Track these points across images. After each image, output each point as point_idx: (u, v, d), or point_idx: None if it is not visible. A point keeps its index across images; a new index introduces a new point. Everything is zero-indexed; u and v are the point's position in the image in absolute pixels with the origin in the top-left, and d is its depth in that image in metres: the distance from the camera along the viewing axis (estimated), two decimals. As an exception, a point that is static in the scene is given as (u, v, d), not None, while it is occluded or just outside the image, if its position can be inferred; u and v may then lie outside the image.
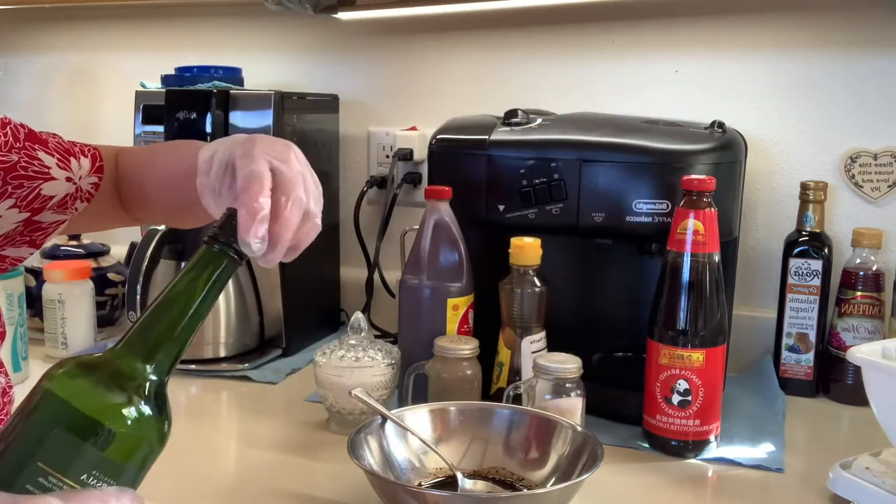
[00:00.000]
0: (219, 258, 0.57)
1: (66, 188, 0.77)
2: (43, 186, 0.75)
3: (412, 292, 1.05)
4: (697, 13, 1.26)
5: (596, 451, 0.79)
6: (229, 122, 1.23)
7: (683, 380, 0.92)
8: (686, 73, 1.27)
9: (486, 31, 1.38)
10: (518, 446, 0.86)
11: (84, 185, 0.78)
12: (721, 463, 0.93)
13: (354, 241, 1.42)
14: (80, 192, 0.78)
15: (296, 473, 0.90)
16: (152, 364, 0.54)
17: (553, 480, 0.81)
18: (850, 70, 1.19)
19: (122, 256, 1.43)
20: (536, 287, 1.00)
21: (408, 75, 1.43)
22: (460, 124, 1.14)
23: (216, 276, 0.57)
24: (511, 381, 0.99)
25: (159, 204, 0.80)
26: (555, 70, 1.34)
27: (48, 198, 0.75)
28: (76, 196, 0.77)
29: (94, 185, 0.79)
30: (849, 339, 1.12)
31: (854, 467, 0.82)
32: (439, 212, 1.04)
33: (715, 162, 1.00)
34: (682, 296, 0.92)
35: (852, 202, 1.21)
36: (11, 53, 1.72)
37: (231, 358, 1.24)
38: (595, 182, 1.01)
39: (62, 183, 0.76)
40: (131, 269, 1.16)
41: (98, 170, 0.79)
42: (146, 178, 0.79)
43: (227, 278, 0.58)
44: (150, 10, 1.59)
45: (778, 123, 1.24)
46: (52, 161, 0.76)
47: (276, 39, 1.50)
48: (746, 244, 1.25)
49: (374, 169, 1.46)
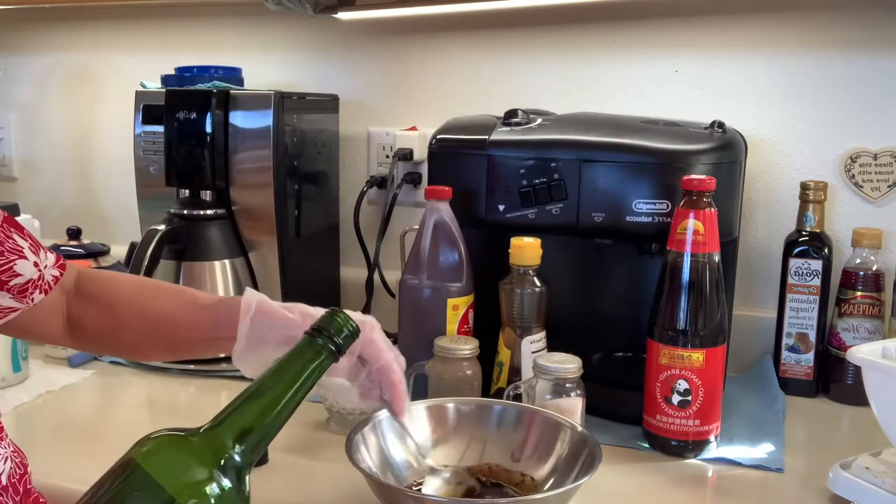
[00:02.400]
0: (319, 352, 0.62)
1: (32, 272, 0.77)
2: (17, 262, 0.75)
3: (412, 292, 1.05)
4: (697, 13, 1.26)
5: (594, 451, 0.78)
6: (229, 122, 1.23)
7: (683, 380, 0.92)
8: (686, 73, 1.27)
9: (486, 31, 1.38)
10: (517, 444, 0.86)
11: (47, 275, 0.78)
12: (721, 463, 0.93)
13: (354, 241, 1.42)
14: (42, 280, 0.78)
15: (295, 473, 0.90)
16: (241, 446, 0.55)
17: (552, 481, 0.81)
18: (850, 70, 1.20)
19: (122, 256, 1.42)
20: (536, 287, 1.00)
21: (408, 75, 1.43)
22: (460, 124, 1.14)
23: (314, 368, 0.61)
24: (511, 381, 0.99)
25: (127, 336, 0.81)
26: (555, 70, 1.34)
27: (16, 275, 0.75)
28: (37, 285, 0.77)
29: (55, 278, 0.79)
30: (849, 339, 1.12)
31: (854, 467, 0.82)
32: (439, 212, 1.04)
33: (715, 162, 1.00)
34: (682, 296, 0.92)
35: (852, 202, 1.21)
36: (11, 53, 1.72)
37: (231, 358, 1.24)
38: (595, 182, 1.01)
39: (31, 266, 0.76)
40: (131, 269, 1.15)
41: (61, 266, 0.80)
42: (129, 312, 0.81)
43: (323, 372, 0.62)
44: (150, 10, 1.59)
45: (778, 123, 1.24)
46: (26, 244, 0.77)
47: (276, 39, 1.50)
48: (746, 244, 1.26)
49: (374, 169, 1.46)
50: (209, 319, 0.78)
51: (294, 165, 1.29)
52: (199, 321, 0.78)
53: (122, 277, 0.88)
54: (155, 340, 0.81)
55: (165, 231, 1.18)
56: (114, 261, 1.42)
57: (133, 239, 1.33)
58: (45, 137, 1.73)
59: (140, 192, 1.35)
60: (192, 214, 1.24)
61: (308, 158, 1.34)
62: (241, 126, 1.23)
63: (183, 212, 1.23)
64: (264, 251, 1.26)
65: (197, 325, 0.78)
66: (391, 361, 0.76)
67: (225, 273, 1.25)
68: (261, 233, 1.26)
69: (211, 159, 1.23)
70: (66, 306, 0.82)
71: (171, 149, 1.25)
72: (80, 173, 1.71)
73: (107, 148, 1.67)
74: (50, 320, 0.81)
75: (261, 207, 1.25)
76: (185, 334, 0.79)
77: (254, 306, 0.74)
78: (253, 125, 1.23)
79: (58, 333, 0.82)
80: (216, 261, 1.24)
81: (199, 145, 1.23)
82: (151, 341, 0.81)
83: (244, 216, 1.26)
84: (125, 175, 1.44)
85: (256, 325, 0.74)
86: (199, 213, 1.24)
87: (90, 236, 1.49)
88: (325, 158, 1.40)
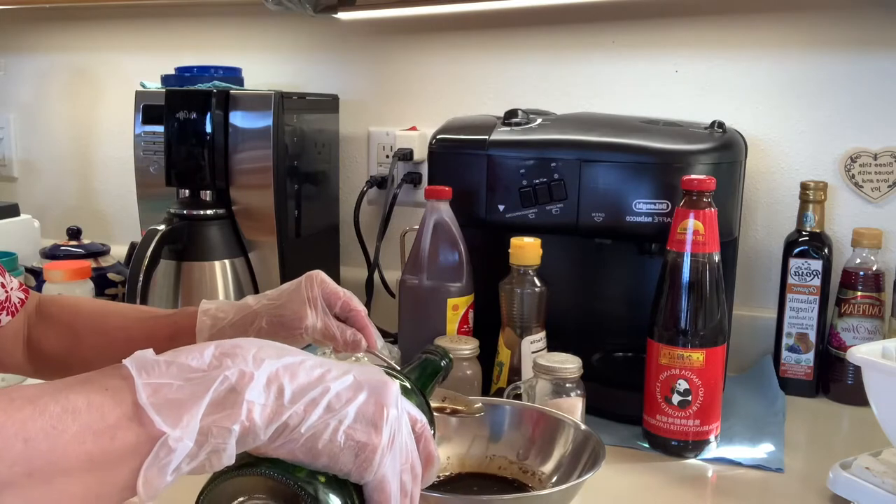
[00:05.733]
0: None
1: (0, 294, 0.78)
2: None
3: (412, 292, 1.05)
4: (697, 13, 1.26)
5: (598, 450, 0.79)
6: (229, 122, 1.23)
7: (683, 380, 0.92)
8: (686, 73, 1.27)
9: (486, 31, 1.38)
10: (522, 443, 0.86)
11: (13, 297, 0.79)
12: (721, 463, 0.93)
13: (354, 241, 1.42)
14: (9, 302, 0.79)
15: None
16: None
17: (555, 479, 0.81)
18: (850, 70, 1.20)
19: (122, 256, 1.42)
20: (536, 287, 1.00)
21: (408, 75, 1.43)
22: (460, 124, 1.14)
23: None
24: (511, 381, 0.99)
25: (84, 353, 0.81)
26: (555, 70, 1.34)
27: None
28: (4, 306, 0.78)
29: (21, 300, 0.80)
30: (849, 339, 1.12)
31: (854, 467, 0.82)
32: (439, 212, 1.04)
33: (715, 162, 1.00)
34: (682, 296, 0.92)
35: (852, 202, 1.21)
36: (11, 53, 1.72)
37: (231, 358, 1.24)
38: (595, 182, 1.01)
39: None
40: (131, 269, 1.15)
41: (24, 290, 0.81)
42: (87, 327, 0.81)
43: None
44: (150, 10, 1.59)
45: (778, 123, 1.24)
46: None
47: (276, 39, 1.50)
48: (746, 244, 1.26)
49: (374, 169, 1.46)
50: (167, 326, 0.78)
51: (294, 165, 1.29)
52: (156, 329, 0.78)
53: (81, 299, 0.89)
54: (112, 356, 0.81)
55: (165, 231, 1.18)
56: (114, 261, 1.43)
57: (133, 239, 1.33)
58: (45, 137, 1.73)
59: (140, 192, 1.35)
60: (192, 214, 1.24)
61: (308, 158, 1.34)
62: (241, 126, 1.23)
63: (183, 212, 1.23)
64: (264, 251, 1.26)
65: (153, 335, 0.78)
66: (351, 296, 0.76)
67: (225, 273, 1.25)
68: (261, 233, 1.26)
69: (211, 159, 1.23)
70: (27, 329, 0.82)
71: (171, 149, 1.25)
72: (80, 173, 1.71)
73: (107, 148, 1.67)
74: (11, 345, 0.81)
75: (261, 207, 1.25)
76: (142, 345, 0.79)
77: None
78: (253, 125, 1.23)
79: (18, 358, 0.82)
80: (216, 261, 1.24)
81: (199, 145, 1.23)
82: (108, 356, 0.81)
83: (244, 216, 1.26)
84: (125, 175, 1.44)
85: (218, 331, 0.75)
86: (199, 213, 1.24)
87: (90, 236, 1.49)
88: (325, 158, 1.40)
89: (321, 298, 0.75)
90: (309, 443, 0.47)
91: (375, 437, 0.48)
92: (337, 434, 0.47)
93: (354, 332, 0.75)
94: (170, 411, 0.43)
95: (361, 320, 0.76)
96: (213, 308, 0.77)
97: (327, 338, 0.75)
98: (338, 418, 0.47)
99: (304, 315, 0.74)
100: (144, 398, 0.43)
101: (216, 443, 0.44)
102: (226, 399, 0.45)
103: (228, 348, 0.47)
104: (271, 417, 0.45)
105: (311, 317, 0.74)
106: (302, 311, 0.74)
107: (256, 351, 0.47)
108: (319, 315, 0.75)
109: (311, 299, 0.74)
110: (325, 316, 0.75)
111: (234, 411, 0.44)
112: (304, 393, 0.47)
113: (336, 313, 0.76)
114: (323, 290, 0.75)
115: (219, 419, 0.44)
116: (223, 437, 0.44)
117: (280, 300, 0.76)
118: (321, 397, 0.47)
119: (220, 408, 0.44)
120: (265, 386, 0.46)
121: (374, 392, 0.49)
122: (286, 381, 0.47)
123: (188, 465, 0.44)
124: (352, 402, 0.48)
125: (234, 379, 0.45)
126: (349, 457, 0.47)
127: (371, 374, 0.51)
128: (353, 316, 0.76)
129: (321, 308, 0.75)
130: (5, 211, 1.53)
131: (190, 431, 0.43)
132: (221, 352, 0.47)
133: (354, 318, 0.76)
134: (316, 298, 0.75)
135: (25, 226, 1.56)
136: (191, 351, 0.47)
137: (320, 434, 0.47)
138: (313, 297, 0.75)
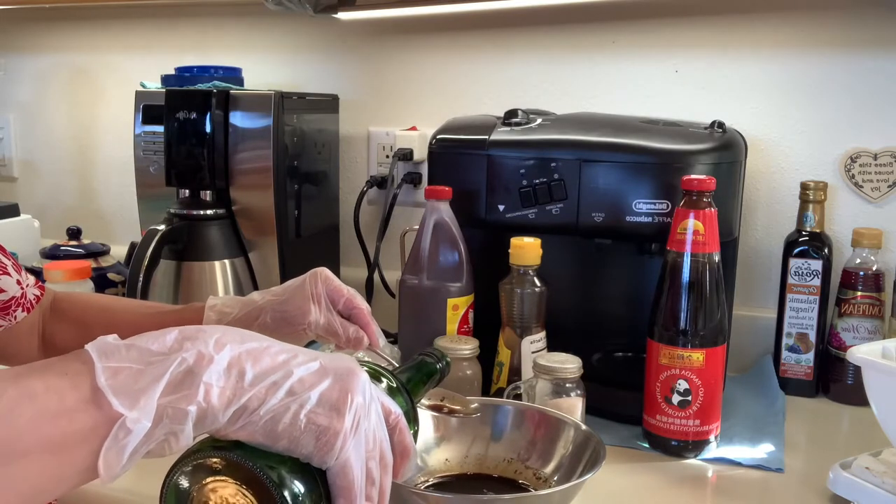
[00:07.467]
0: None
1: (15, 290, 0.78)
2: (1, 279, 0.77)
3: (412, 292, 1.05)
4: (697, 13, 1.26)
5: (598, 450, 0.79)
6: (229, 122, 1.23)
7: (683, 380, 0.92)
8: (686, 73, 1.27)
9: (486, 31, 1.38)
10: (523, 442, 0.86)
11: (29, 294, 0.80)
12: (721, 463, 0.93)
13: (354, 241, 1.42)
14: (24, 298, 0.79)
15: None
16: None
17: (555, 479, 0.81)
18: (850, 70, 1.19)
19: (122, 256, 1.42)
20: (536, 287, 1.00)
21: (408, 75, 1.43)
22: (460, 124, 1.14)
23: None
24: (511, 381, 0.99)
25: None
26: (555, 70, 1.34)
27: (1, 291, 0.77)
28: (20, 302, 0.78)
29: (36, 297, 0.81)
30: (849, 339, 1.12)
31: (854, 467, 0.82)
32: (439, 212, 1.04)
33: (715, 162, 1.00)
34: (682, 296, 0.92)
35: (852, 202, 1.21)
36: (11, 53, 1.72)
37: (231, 358, 1.24)
38: (595, 182, 1.01)
39: (14, 283, 0.78)
40: (131, 269, 1.15)
41: (40, 287, 0.82)
42: (98, 321, 0.82)
43: None
44: (150, 10, 1.59)
45: (778, 123, 1.24)
46: (9, 263, 0.78)
47: (276, 39, 1.50)
48: (746, 244, 1.26)
49: (374, 169, 1.46)
50: (174, 321, 0.79)
51: (294, 165, 1.29)
52: (164, 324, 0.79)
53: (93, 295, 0.92)
54: None
55: (165, 231, 1.18)
56: (114, 261, 1.43)
57: (133, 239, 1.33)
58: (45, 137, 1.73)
59: (140, 192, 1.35)
60: (192, 214, 1.24)
61: (308, 158, 1.34)
62: (241, 126, 1.23)
63: (183, 212, 1.23)
64: (264, 251, 1.26)
65: (163, 326, 0.79)
66: (354, 294, 0.77)
67: (225, 273, 1.25)
68: (261, 233, 1.26)
69: (211, 159, 1.23)
70: (41, 325, 0.83)
71: (171, 149, 1.25)
72: (80, 173, 1.71)
73: (107, 148, 1.67)
74: (27, 340, 0.82)
75: (261, 207, 1.25)
76: None
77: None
78: (253, 125, 1.23)
79: (34, 352, 0.83)
80: (216, 261, 1.24)
81: (199, 145, 1.23)
82: None
83: (244, 216, 1.26)
84: (125, 175, 1.44)
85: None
86: (199, 213, 1.24)
87: (90, 236, 1.49)
88: (325, 158, 1.40)
89: (325, 295, 0.75)
90: (269, 426, 0.47)
91: (337, 421, 0.48)
92: (298, 417, 0.47)
93: (357, 329, 0.76)
94: (127, 393, 0.44)
95: (364, 318, 0.76)
96: (220, 304, 0.78)
97: (330, 334, 0.76)
98: (299, 402, 0.47)
99: (308, 311, 0.74)
100: (103, 381, 0.44)
101: (173, 424, 0.44)
102: (183, 381, 0.45)
103: (191, 333, 0.47)
104: (230, 399, 0.46)
105: (315, 313, 0.74)
106: (305, 307, 0.75)
107: (220, 336, 0.48)
108: (323, 312, 0.75)
109: (315, 296, 0.75)
110: (328, 313, 0.75)
111: (191, 392, 0.45)
112: (266, 376, 0.47)
113: (340, 310, 0.76)
114: (327, 287, 0.76)
115: (175, 400, 0.44)
116: (180, 418, 0.44)
117: (284, 296, 0.76)
118: (283, 381, 0.47)
119: (178, 389, 0.45)
120: (226, 369, 0.46)
121: (339, 378, 0.49)
122: (248, 365, 0.47)
123: (146, 447, 0.44)
124: (315, 386, 0.48)
125: (191, 361, 0.45)
126: (310, 440, 0.47)
127: (339, 361, 0.51)
128: (356, 313, 0.76)
129: (325, 305, 0.75)
130: (5, 211, 1.53)
131: (147, 412, 0.43)
132: (183, 336, 0.47)
133: (357, 315, 0.76)
134: (320, 295, 0.75)
135: (25, 226, 1.56)
136: (153, 336, 0.47)
137: (280, 417, 0.47)
138: (317, 293, 0.75)
